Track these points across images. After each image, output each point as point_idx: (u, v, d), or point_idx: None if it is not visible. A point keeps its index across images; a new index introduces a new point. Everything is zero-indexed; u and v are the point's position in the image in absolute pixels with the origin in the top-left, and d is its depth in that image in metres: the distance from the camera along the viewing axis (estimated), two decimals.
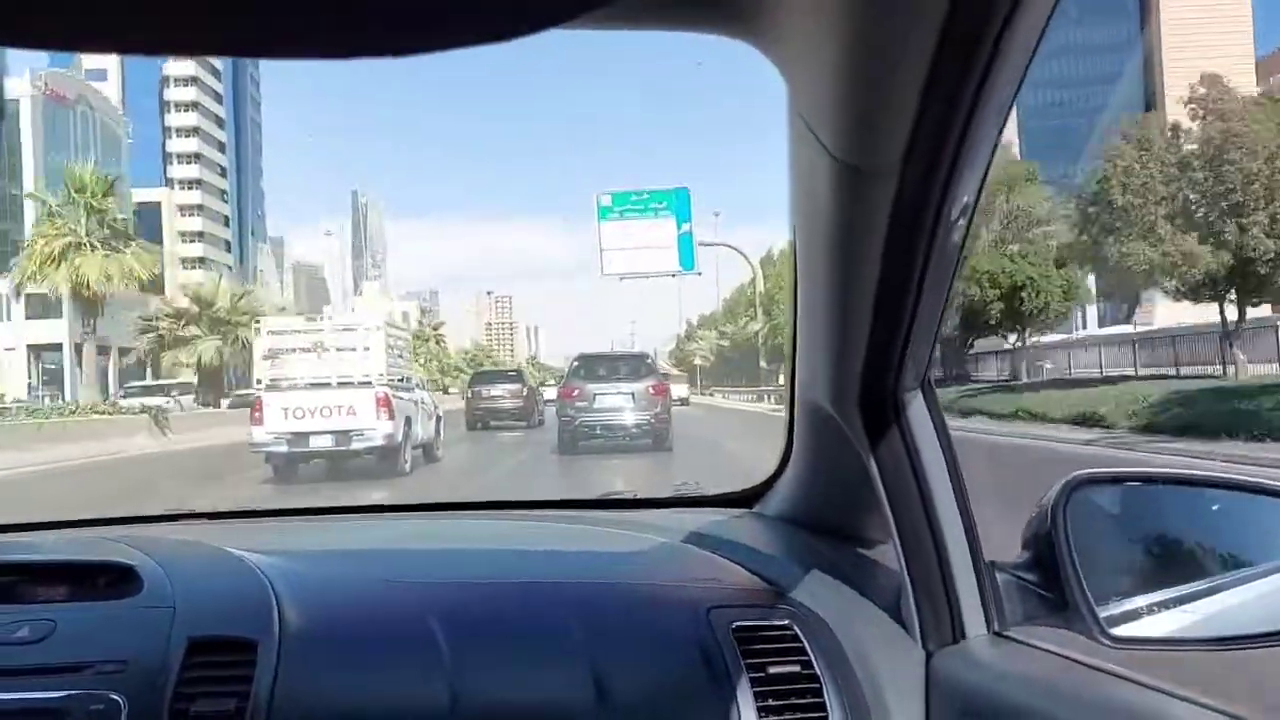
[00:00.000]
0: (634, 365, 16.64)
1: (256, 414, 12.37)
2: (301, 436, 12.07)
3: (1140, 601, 1.18)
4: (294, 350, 12.65)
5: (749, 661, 1.25)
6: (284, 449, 12.07)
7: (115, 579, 1.40)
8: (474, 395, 22.38)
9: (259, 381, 12.96)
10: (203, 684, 1.20)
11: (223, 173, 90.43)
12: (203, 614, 1.31)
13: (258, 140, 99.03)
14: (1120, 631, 1.14)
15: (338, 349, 12.64)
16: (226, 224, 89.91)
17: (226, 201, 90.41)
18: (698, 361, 53.51)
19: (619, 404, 15.49)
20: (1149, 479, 1.28)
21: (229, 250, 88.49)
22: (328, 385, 12.26)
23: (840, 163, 0.88)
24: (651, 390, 15.67)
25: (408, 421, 12.81)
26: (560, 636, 1.29)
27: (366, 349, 12.72)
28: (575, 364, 17.14)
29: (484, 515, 2.12)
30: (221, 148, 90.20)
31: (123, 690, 1.20)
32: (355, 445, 12.09)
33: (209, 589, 1.39)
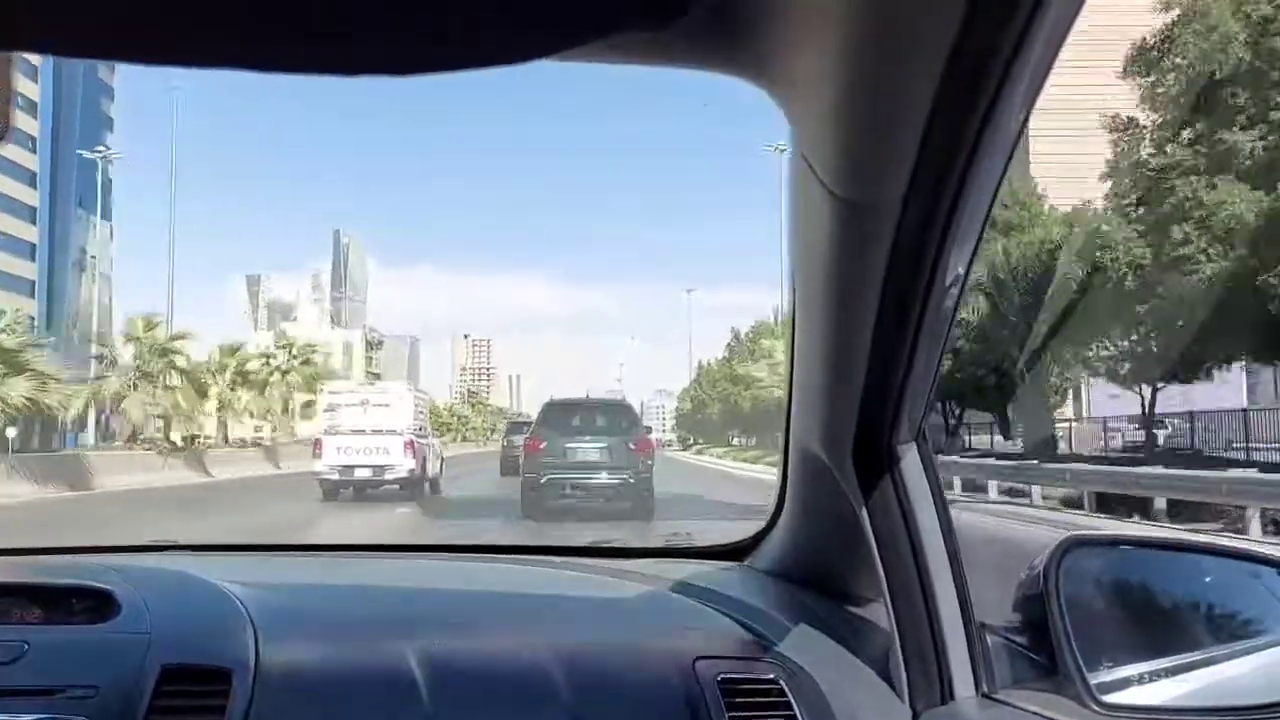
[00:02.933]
0: (612, 415, 14.29)
1: (318, 450, 17.17)
2: (349, 468, 16.55)
3: (1132, 669, 1.16)
4: (347, 406, 17.52)
5: (733, 714, 1.22)
6: (336, 476, 16.62)
7: (92, 604, 1.38)
8: (509, 444, 22.93)
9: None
10: (175, 713, 1.18)
11: (31, 109, 62.70)
12: (178, 642, 1.29)
13: (97, 76, 70.70)
14: (1111, 699, 1.12)
15: (377, 405, 17.34)
16: (33, 184, 63.92)
17: (34, 152, 63.85)
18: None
19: (593, 459, 13.28)
20: (1143, 543, 1.27)
21: (34, 221, 64.16)
22: (366, 432, 16.82)
23: (841, 200, 0.88)
24: (632, 445, 13.44)
25: (423, 461, 17.24)
26: (542, 680, 1.26)
27: (398, 407, 17.43)
28: (544, 412, 14.83)
29: (473, 558, 2.10)
30: (33, 74, 61.18)
31: (93, 716, 1.18)
32: (387, 476, 16.53)
33: (186, 617, 1.37)
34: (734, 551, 1.82)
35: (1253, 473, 13.57)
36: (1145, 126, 20.79)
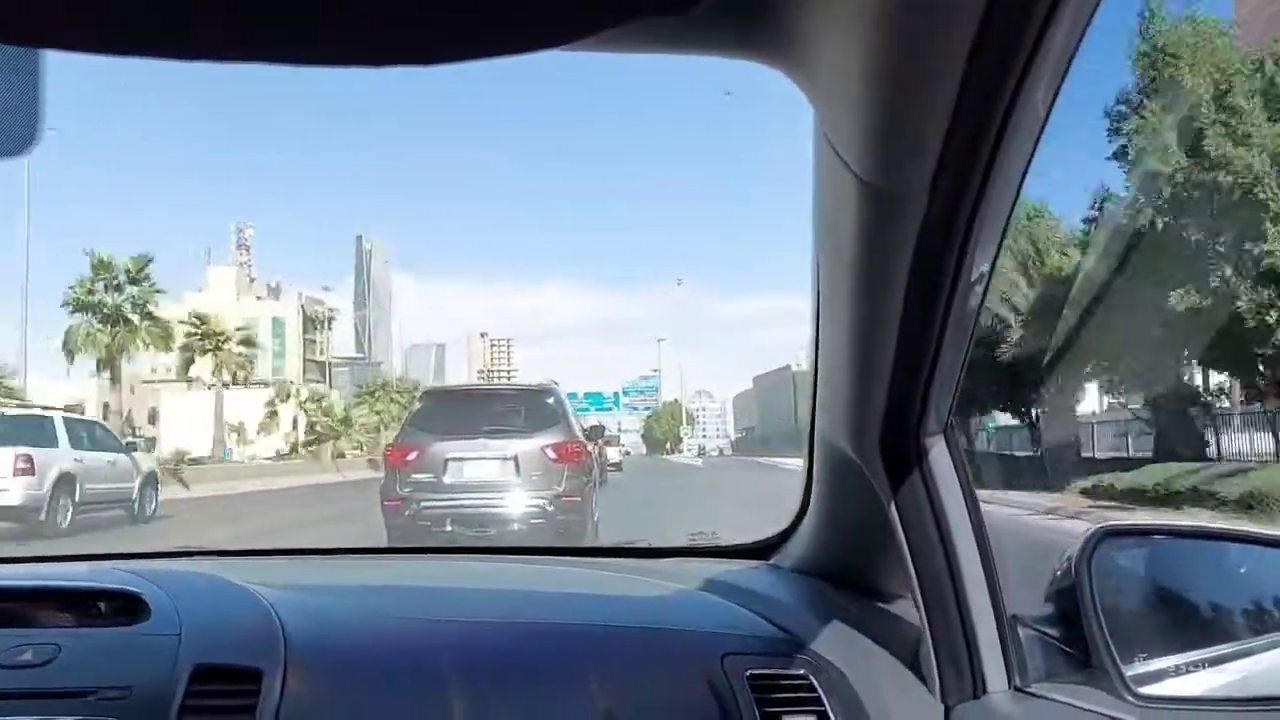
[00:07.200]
0: (525, 409, 9.32)
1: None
2: None
3: (1168, 660, 1.15)
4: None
5: (764, 710, 1.22)
6: None
7: (122, 606, 1.39)
8: None
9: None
10: (206, 712, 1.18)
11: None
12: (208, 642, 1.29)
13: None
14: (1147, 690, 1.11)
15: None
16: None
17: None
18: None
19: (488, 476, 8.71)
20: (1176, 533, 1.26)
21: None
22: None
23: (867, 185, 0.87)
24: (551, 453, 8.72)
25: None
26: (571, 678, 1.26)
27: None
28: (420, 406, 10.37)
29: (498, 559, 2.11)
30: None
31: (126, 716, 1.19)
32: None
33: (216, 618, 1.38)
34: (759, 550, 1.81)
35: None
36: None
